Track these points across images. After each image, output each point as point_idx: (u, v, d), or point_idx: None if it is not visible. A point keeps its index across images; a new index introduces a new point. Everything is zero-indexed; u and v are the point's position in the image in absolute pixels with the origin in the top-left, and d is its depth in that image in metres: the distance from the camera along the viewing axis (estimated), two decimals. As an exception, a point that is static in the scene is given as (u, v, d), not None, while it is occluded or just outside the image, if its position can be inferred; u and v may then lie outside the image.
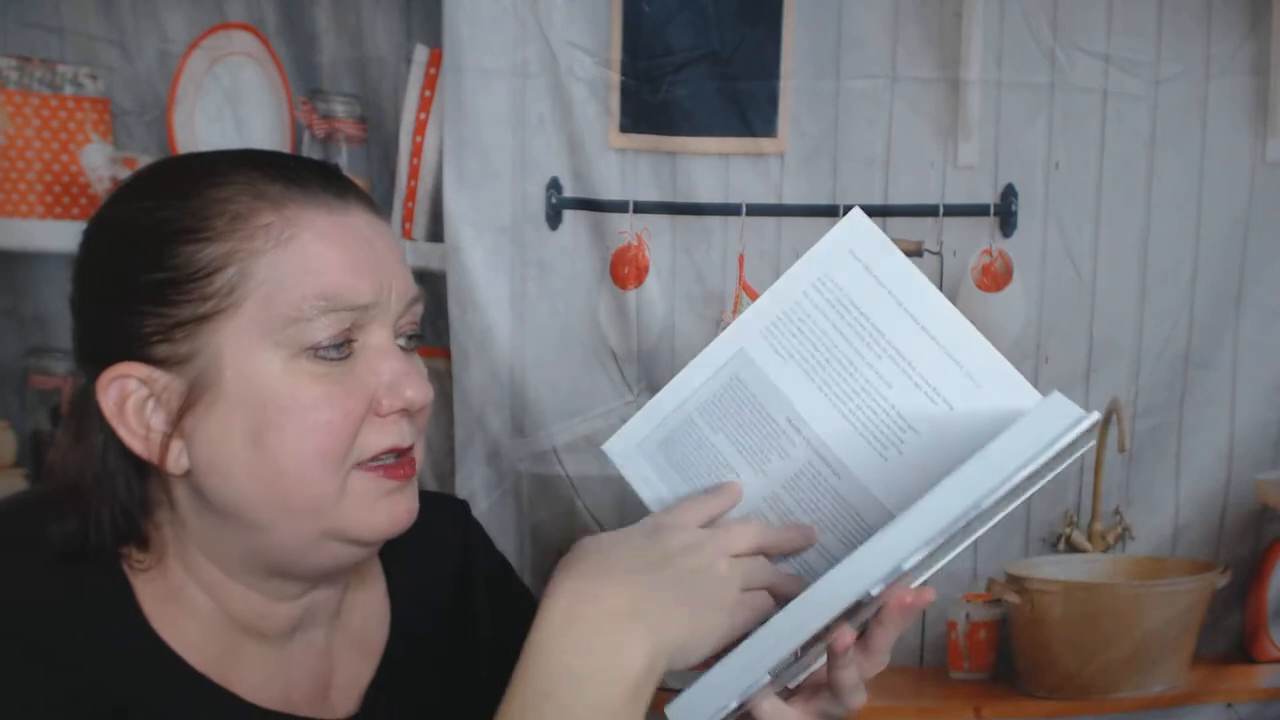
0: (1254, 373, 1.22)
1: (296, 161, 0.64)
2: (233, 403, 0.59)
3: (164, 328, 0.59)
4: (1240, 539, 1.25)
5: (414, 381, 0.62)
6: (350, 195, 0.63)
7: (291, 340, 0.59)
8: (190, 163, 0.65)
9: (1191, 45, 1.17)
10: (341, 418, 0.60)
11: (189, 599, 0.63)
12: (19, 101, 1.30)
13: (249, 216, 0.59)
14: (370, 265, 0.61)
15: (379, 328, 0.62)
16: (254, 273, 0.59)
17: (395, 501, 0.63)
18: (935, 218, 1.21)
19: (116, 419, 0.60)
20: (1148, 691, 1.28)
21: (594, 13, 1.20)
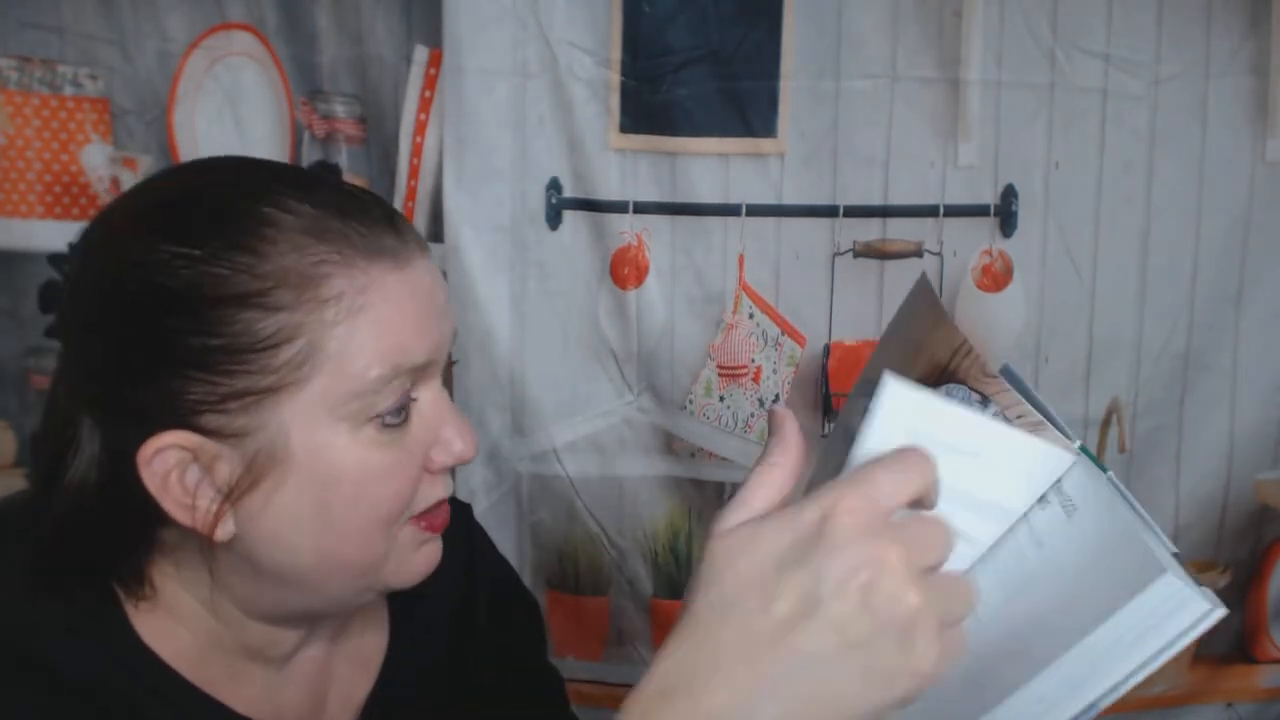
0: (1254, 373, 1.22)
1: (354, 201, 0.58)
2: (302, 480, 0.55)
3: (216, 397, 0.54)
4: (1240, 539, 1.25)
5: (464, 435, 0.60)
6: (410, 238, 0.59)
7: (358, 413, 0.55)
8: (232, 199, 0.56)
9: (1191, 45, 1.17)
10: (407, 485, 0.58)
11: (195, 623, 0.61)
12: (19, 101, 1.30)
13: (318, 284, 0.54)
14: (431, 321, 0.59)
15: (433, 380, 0.60)
16: (324, 346, 0.54)
17: (430, 549, 0.63)
18: (935, 218, 1.21)
19: (161, 491, 0.55)
20: (1148, 691, 1.28)
21: (594, 13, 1.20)
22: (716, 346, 1.26)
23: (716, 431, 1.27)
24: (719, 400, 1.26)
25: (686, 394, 1.27)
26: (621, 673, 1.35)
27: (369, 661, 0.70)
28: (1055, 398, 1.22)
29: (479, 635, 0.77)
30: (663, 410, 1.28)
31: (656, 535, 1.31)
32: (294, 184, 0.57)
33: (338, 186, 0.59)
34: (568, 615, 1.34)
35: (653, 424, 1.29)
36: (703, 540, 0.45)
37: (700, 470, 1.29)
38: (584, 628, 1.35)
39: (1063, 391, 1.22)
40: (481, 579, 0.78)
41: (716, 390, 1.26)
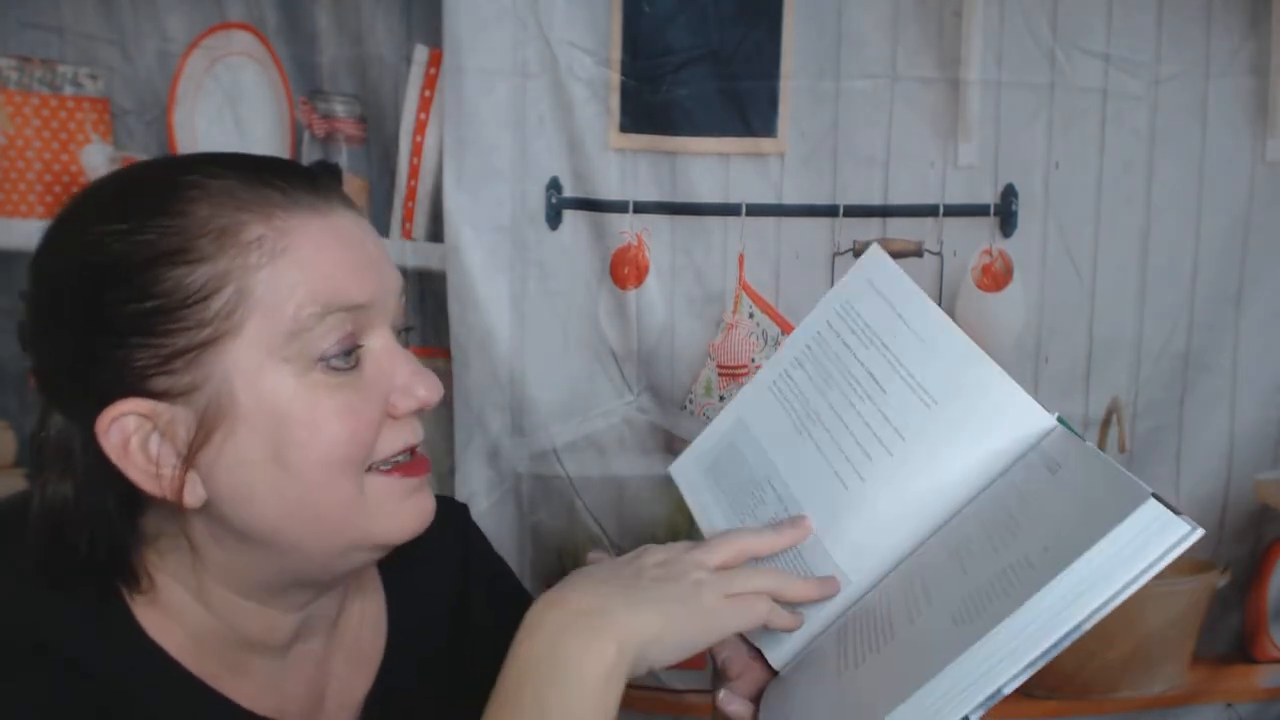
0: (1254, 373, 1.22)
1: (273, 164, 0.62)
2: (252, 427, 0.57)
3: (159, 359, 0.56)
4: (1240, 539, 1.25)
5: (426, 380, 0.61)
6: (334, 196, 0.62)
7: (299, 354, 0.57)
8: (157, 175, 0.60)
9: (1191, 45, 1.17)
10: (364, 425, 0.59)
11: (188, 616, 0.61)
12: (19, 101, 1.30)
13: (237, 231, 0.56)
14: (365, 265, 0.60)
15: (380, 328, 0.61)
16: (251, 290, 0.56)
17: (419, 500, 0.63)
18: (935, 218, 1.21)
19: (123, 460, 0.56)
20: (1148, 691, 1.28)
21: (594, 13, 1.20)
22: (716, 346, 1.26)
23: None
24: (719, 400, 1.26)
25: (686, 394, 1.27)
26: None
27: (367, 658, 0.71)
28: (1055, 397, 1.22)
29: (475, 632, 0.77)
30: (663, 410, 1.28)
31: (656, 535, 1.31)
32: (217, 157, 0.61)
33: (262, 157, 0.62)
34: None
35: (653, 424, 1.29)
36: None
37: (700, 470, 1.29)
38: (584, 628, 1.34)
39: (1063, 391, 1.22)
40: (477, 577, 0.79)
41: (716, 390, 1.26)
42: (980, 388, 0.64)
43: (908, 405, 0.66)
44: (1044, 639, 0.49)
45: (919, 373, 0.66)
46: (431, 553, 0.70)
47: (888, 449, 0.66)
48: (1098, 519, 0.51)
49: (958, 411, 0.64)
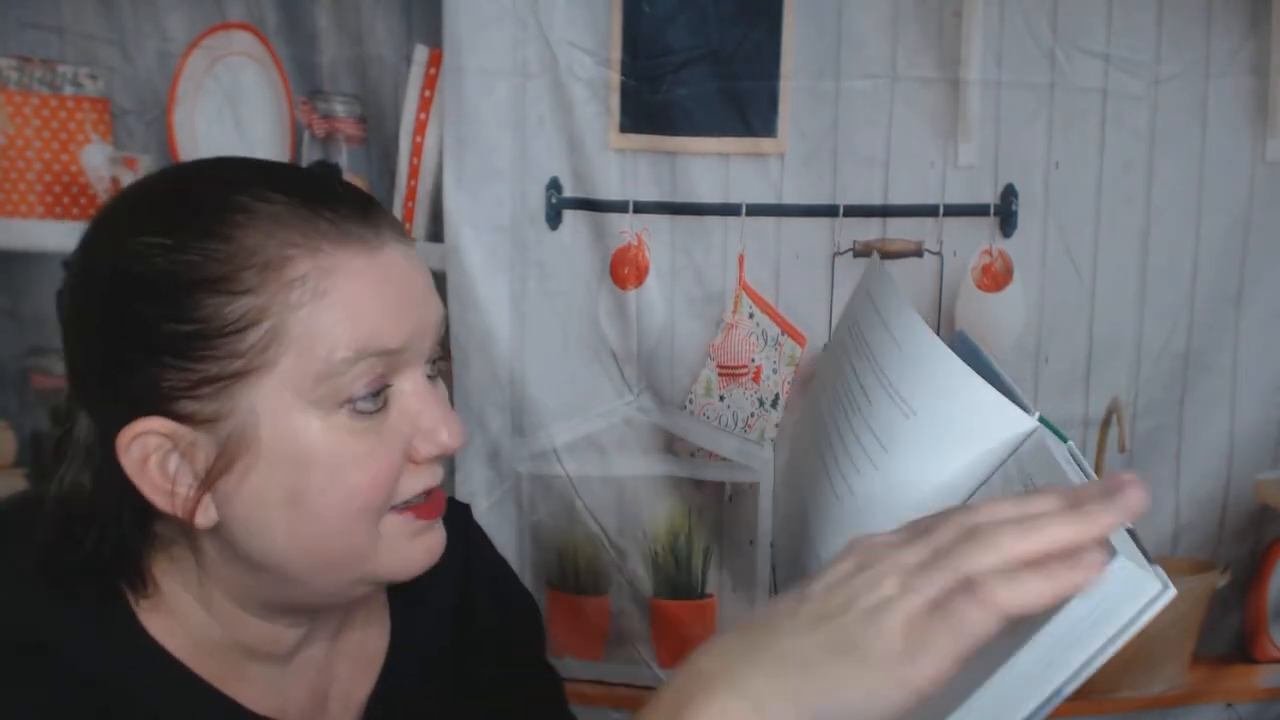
0: (1254, 373, 1.22)
1: (327, 191, 0.59)
2: (271, 465, 0.56)
3: (188, 383, 0.55)
4: (1240, 539, 1.25)
5: (450, 425, 0.60)
6: (384, 227, 0.59)
7: (327, 397, 0.55)
8: (206, 191, 0.58)
9: (1191, 45, 1.17)
10: (385, 473, 0.58)
11: (192, 621, 0.61)
12: (19, 101, 1.30)
13: (282, 266, 0.55)
14: (406, 307, 0.58)
15: (413, 368, 0.59)
16: (288, 328, 0.55)
17: (428, 539, 0.62)
18: (935, 218, 1.21)
19: (139, 476, 0.56)
20: (1148, 691, 1.28)
21: (594, 13, 1.20)
22: (716, 346, 1.26)
23: (717, 431, 1.27)
24: (719, 400, 1.26)
25: (686, 394, 1.27)
26: (621, 672, 1.35)
27: (370, 660, 0.70)
28: (1055, 398, 1.22)
29: (478, 633, 0.77)
30: (663, 410, 1.28)
31: (656, 535, 1.31)
32: (268, 175, 0.59)
33: (313, 178, 0.60)
34: (568, 615, 1.34)
35: (653, 424, 1.29)
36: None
37: (700, 470, 1.29)
38: (584, 628, 1.35)
39: (1063, 391, 1.22)
40: (479, 577, 0.78)
41: (716, 390, 1.26)
42: (953, 393, 0.62)
43: (890, 416, 0.65)
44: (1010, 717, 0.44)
45: (898, 382, 0.65)
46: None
47: (873, 462, 0.65)
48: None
49: (934, 420, 0.63)
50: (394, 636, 0.72)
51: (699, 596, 1.31)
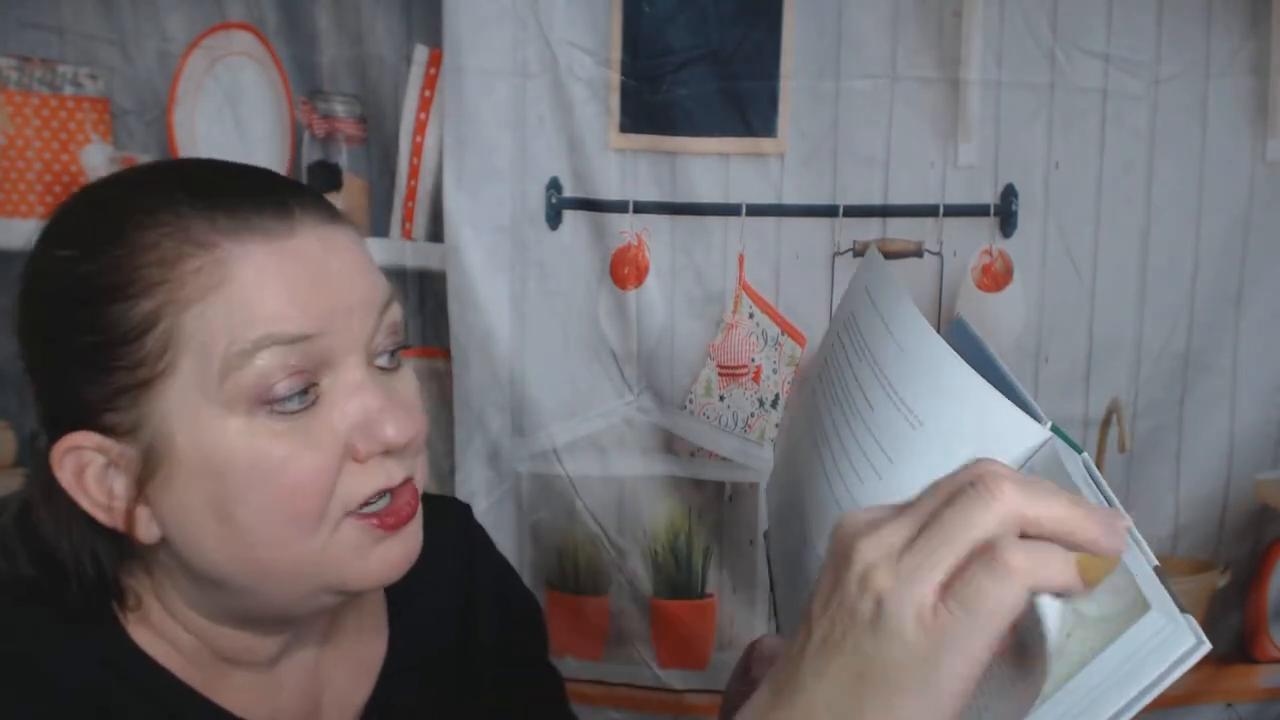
0: (1254, 373, 1.22)
1: (232, 180, 0.56)
2: (190, 474, 0.53)
3: (106, 395, 0.53)
4: (1240, 539, 1.25)
5: (392, 418, 0.55)
6: (296, 209, 0.55)
7: (236, 396, 0.52)
8: (110, 197, 0.56)
9: (1191, 45, 1.17)
10: (311, 477, 0.54)
11: (171, 634, 0.60)
12: (19, 101, 1.30)
13: (175, 263, 0.52)
14: (316, 291, 0.54)
15: (347, 358, 0.55)
16: (181, 328, 0.52)
17: (389, 548, 0.57)
18: (935, 218, 1.21)
19: (76, 490, 0.54)
20: (1148, 691, 1.27)
21: (594, 13, 1.20)
22: (716, 346, 1.26)
23: (716, 431, 1.27)
24: (719, 400, 1.26)
25: (686, 394, 1.27)
26: (621, 673, 1.35)
27: (367, 665, 0.69)
28: (1055, 398, 1.22)
29: (480, 635, 0.76)
30: (663, 410, 1.28)
31: (656, 535, 1.31)
32: (183, 175, 0.57)
33: (226, 174, 0.58)
34: (568, 615, 1.34)
35: (653, 424, 1.29)
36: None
37: (700, 470, 1.29)
38: (584, 628, 1.35)
39: (1063, 391, 1.22)
40: (482, 579, 0.78)
41: (716, 390, 1.26)
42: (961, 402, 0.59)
43: (895, 426, 0.62)
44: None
45: (903, 389, 0.62)
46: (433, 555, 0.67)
47: (877, 472, 0.62)
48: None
49: (942, 431, 0.59)
50: (392, 642, 0.70)
51: (699, 596, 1.31)
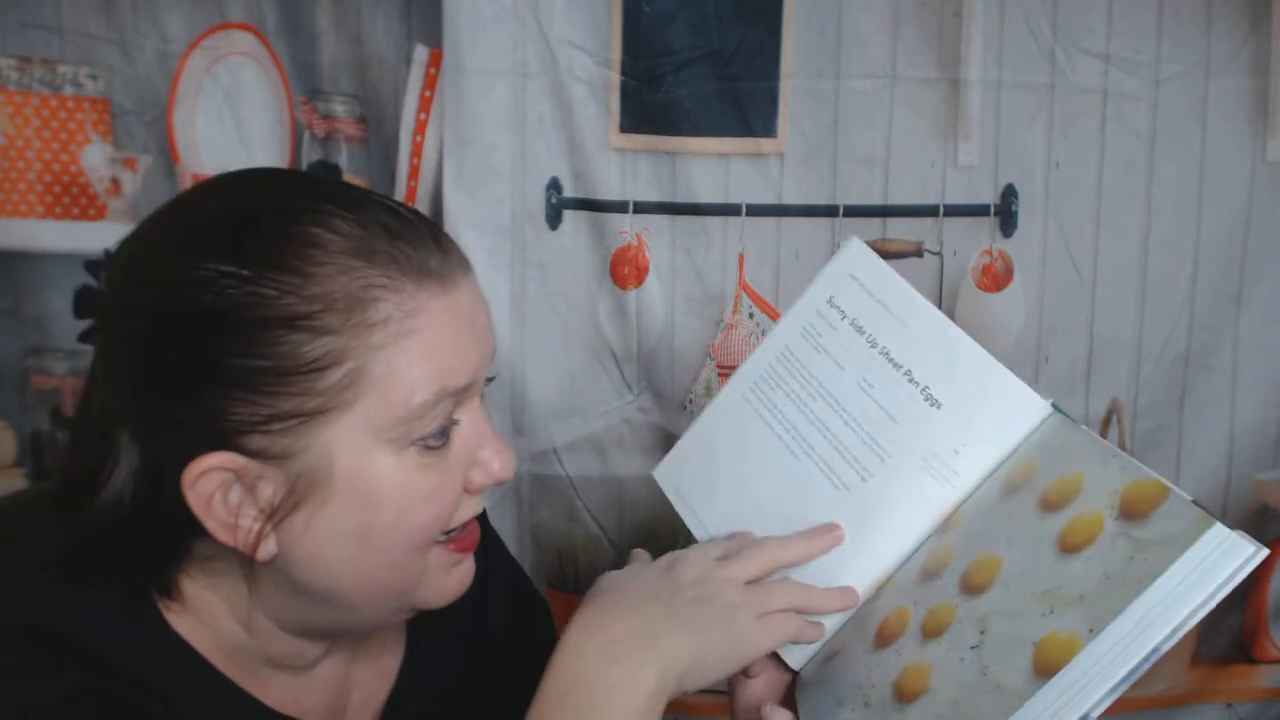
0: (1254, 373, 1.22)
1: (403, 223, 0.57)
2: (343, 502, 0.55)
3: (260, 418, 0.53)
4: (1240, 539, 1.25)
5: (504, 457, 0.61)
6: (453, 257, 0.59)
7: (402, 437, 0.55)
8: (280, 217, 0.55)
9: (1191, 45, 1.17)
10: (447, 507, 0.59)
11: (222, 629, 0.61)
12: (19, 101, 1.30)
13: (366, 308, 0.54)
14: (474, 344, 0.59)
15: (472, 400, 0.60)
16: (370, 370, 0.54)
17: (464, 568, 0.64)
18: (935, 218, 1.21)
19: (205, 512, 0.55)
20: (1148, 691, 1.28)
21: (594, 13, 1.20)
22: (716, 346, 1.26)
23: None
24: (719, 400, 1.26)
25: (686, 394, 1.27)
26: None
27: (388, 664, 0.71)
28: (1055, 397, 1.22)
29: (494, 637, 0.77)
30: (663, 410, 1.28)
31: (657, 535, 1.31)
32: (339, 201, 0.56)
33: (382, 204, 0.58)
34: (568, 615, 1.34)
35: (653, 424, 1.29)
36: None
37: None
38: (584, 628, 1.34)
39: (1063, 391, 1.22)
40: (495, 582, 0.79)
41: (716, 390, 1.26)
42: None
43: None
44: (1112, 675, 0.50)
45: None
46: None
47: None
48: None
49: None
50: (410, 639, 0.72)
51: (699, 596, 1.31)
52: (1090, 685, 0.50)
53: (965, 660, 0.56)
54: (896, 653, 0.60)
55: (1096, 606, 0.51)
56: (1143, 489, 0.54)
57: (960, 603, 0.58)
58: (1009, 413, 0.63)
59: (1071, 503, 0.57)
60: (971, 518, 0.63)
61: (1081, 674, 0.50)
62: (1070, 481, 0.58)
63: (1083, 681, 0.50)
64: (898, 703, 0.58)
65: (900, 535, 0.65)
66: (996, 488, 0.62)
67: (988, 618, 0.56)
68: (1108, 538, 0.53)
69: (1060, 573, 0.54)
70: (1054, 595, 0.53)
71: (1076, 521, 0.56)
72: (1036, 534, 0.57)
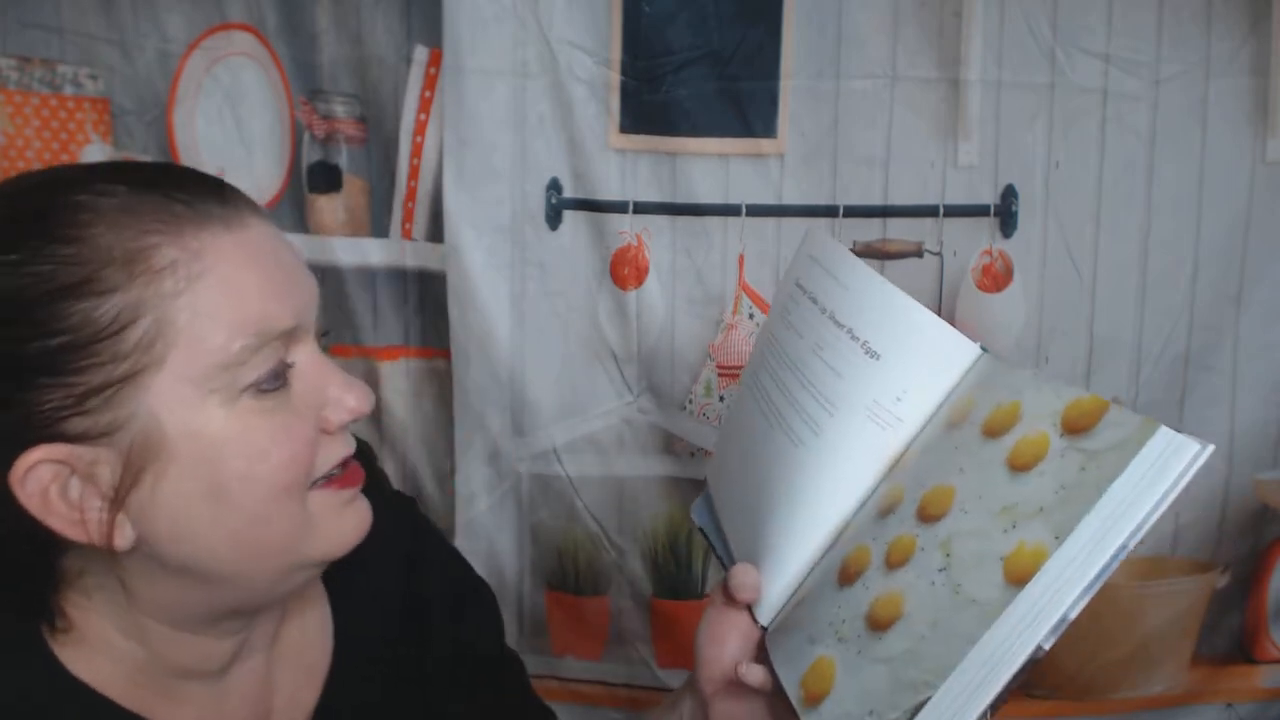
0: (1254, 373, 1.22)
1: (171, 173, 0.56)
2: (185, 463, 0.53)
3: (73, 399, 0.51)
4: (1240, 539, 1.25)
5: (356, 390, 0.59)
6: (241, 204, 0.57)
7: (228, 384, 0.53)
8: (40, 196, 0.54)
9: (1191, 45, 1.17)
10: (303, 446, 0.56)
11: (117, 651, 0.58)
12: (19, 101, 1.30)
13: (146, 256, 0.52)
14: (287, 283, 0.57)
15: (305, 342, 0.58)
16: (172, 319, 0.52)
17: (356, 509, 0.61)
18: (935, 218, 1.21)
19: (43, 512, 0.52)
20: (1148, 691, 1.28)
21: (594, 13, 1.20)
22: (716, 346, 1.26)
23: (716, 431, 1.27)
24: (719, 400, 1.26)
25: (686, 394, 1.27)
26: (621, 673, 1.35)
27: (313, 669, 0.68)
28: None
29: (430, 627, 0.75)
30: (663, 410, 1.28)
31: (656, 535, 1.31)
32: (107, 171, 0.55)
33: (152, 165, 0.59)
34: (568, 615, 1.34)
35: (653, 424, 1.29)
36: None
37: (700, 470, 1.29)
38: (584, 628, 1.35)
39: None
40: (427, 574, 0.76)
41: (716, 390, 1.26)
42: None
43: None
44: (1085, 575, 0.52)
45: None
46: (375, 552, 0.67)
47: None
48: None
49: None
50: (338, 643, 0.70)
51: (699, 596, 1.31)
52: (1065, 588, 0.52)
53: (936, 583, 0.58)
54: (864, 586, 0.62)
55: (1058, 515, 0.54)
56: (1083, 406, 0.56)
57: (920, 532, 0.60)
58: (943, 357, 0.65)
59: (1014, 427, 0.59)
60: (918, 457, 0.65)
61: (1056, 577, 0.53)
62: (1009, 409, 0.60)
63: (1057, 585, 0.52)
64: (873, 631, 0.60)
65: (852, 482, 0.67)
66: (939, 427, 0.65)
67: (950, 540, 0.58)
68: (1056, 453, 0.56)
69: (1015, 490, 0.57)
70: (1013, 511, 0.56)
71: (1022, 443, 0.58)
72: (985, 459, 0.59)
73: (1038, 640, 0.53)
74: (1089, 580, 0.52)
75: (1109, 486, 0.52)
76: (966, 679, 0.54)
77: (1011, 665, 0.53)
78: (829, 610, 0.63)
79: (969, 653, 0.54)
